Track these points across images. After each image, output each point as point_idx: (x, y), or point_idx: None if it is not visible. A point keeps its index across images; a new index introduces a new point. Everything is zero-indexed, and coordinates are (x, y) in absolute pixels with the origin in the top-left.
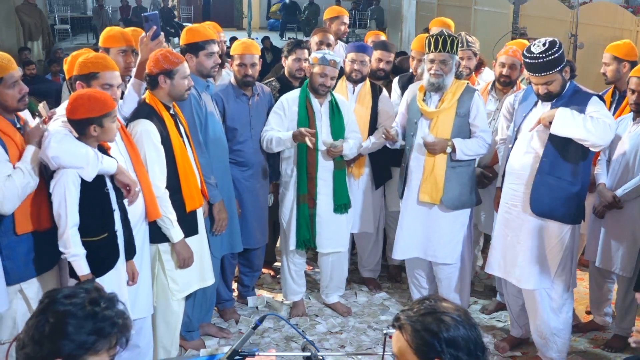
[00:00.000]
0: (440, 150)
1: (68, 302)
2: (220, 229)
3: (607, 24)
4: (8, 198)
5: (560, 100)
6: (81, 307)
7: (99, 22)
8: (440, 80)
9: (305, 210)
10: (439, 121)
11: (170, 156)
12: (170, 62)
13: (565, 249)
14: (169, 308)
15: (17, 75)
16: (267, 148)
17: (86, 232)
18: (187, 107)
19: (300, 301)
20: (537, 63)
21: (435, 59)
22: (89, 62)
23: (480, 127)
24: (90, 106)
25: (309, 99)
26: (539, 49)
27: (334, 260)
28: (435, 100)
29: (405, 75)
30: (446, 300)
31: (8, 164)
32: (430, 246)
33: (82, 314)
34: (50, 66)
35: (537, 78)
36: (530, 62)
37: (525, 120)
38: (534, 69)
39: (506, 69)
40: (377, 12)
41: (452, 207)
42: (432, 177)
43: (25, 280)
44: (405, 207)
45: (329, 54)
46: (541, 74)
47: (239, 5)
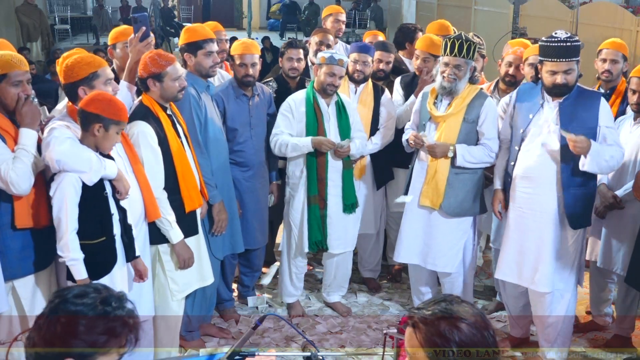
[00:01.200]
0: (441, 154)
1: (79, 301)
2: (220, 230)
3: (607, 24)
4: (21, 177)
5: (568, 99)
6: (92, 307)
7: (99, 22)
8: (452, 85)
9: (316, 211)
10: (445, 125)
11: (168, 157)
12: (157, 65)
13: (578, 249)
14: (168, 308)
15: (23, 76)
16: (281, 153)
17: (84, 235)
18: (186, 108)
19: (296, 302)
20: (564, 46)
21: (450, 63)
22: (83, 64)
23: (486, 135)
24: (106, 106)
25: (317, 99)
26: (564, 35)
27: (339, 259)
28: (446, 104)
29: (407, 76)
30: (464, 302)
31: (8, 150)
32: (430, 253)
33: (93, 313)
34: (50, 66)
35: (560, 64)
36: (555, 45)
37: (534, 122)
38: (559, 53)
39: (512, 69)
40: (376, 12)
41: (452, 213)
42: (434, 182)
43: (18, 277)
44: (407, 210)
45: (336, 54)
46: (566, 59)
47: (239, 5)
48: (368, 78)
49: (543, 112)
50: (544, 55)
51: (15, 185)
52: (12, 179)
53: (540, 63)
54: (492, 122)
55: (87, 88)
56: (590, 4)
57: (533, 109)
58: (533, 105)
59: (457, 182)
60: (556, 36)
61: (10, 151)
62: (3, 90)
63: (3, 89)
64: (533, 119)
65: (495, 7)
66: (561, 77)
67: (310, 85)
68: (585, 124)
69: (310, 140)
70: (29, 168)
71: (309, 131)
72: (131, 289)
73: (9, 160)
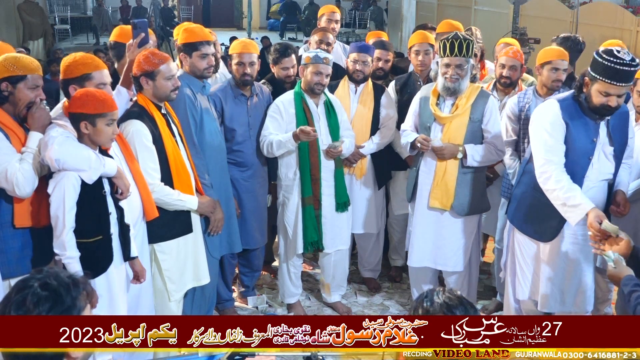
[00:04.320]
0: (450, 155)
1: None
2: (217, 230)
3: (607, 24)
4: (26, 179)
5: (613, 118)
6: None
7: (99, 22)
8: (456, 85)
9: (311, 212)
10: (451, 126)
11: (163, 155)
12: (150, 63)
13: None
14: (166, 309)
15: (39, 81)
16: (268, 152)
17: (81, 233)
18: (181, 108)
19: (297, 303)
20: (631, 71)
21: (451, 63)
22: (79, 63)
23: (492, 133)
24: (86, 102)
25: (305, 100)
26: (628, 56)
27: (336, 259)
28: (449, 105)
29: (401, 78)
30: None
31: (15, 151)
32: (440, 254)
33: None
34: (50, 66)
35: (620, 88)
36: (621, 69)
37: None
38: (624, 77)
39: (506, 70)
40: (376, 12)
41: (463, 213)
42: (443, 183)
43: (16, 276)
44: (416, 213)
45: (321, 52)
46: (629, 83)
47: (239, 5)
48: (368, 78)
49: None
50: (604, 75)
51: (20, 187)
52: (19, 181)
53: (593, 80)
54: (496, 120)
55: (78, 87)
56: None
57: (592, 133)
58: (587, 125)
59: (465, 182)
60: (620, 57)
61: (16, 152)
62: (20, 91)
63: (20, 90)
64: (597, 144)
65: (495, 7)
66: (615, 101)
67: (298, 86)
68: (623, 139)
69: (291, 135)
70: (33, 172)
71: None
72: (128, 290)
73: (16, 162)
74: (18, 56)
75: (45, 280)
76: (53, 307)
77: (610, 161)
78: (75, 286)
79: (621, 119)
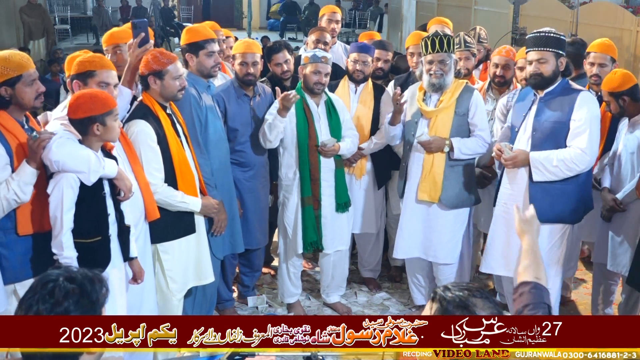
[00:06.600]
0: (437, 149)
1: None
2: (220, 230)
3: (607, 24)
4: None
5: (551, 94)
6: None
7: (99, 22)
8: (441, 80)
9: (310, 212)
10: (437, 120)
11: (167, 155)
12: (159, 62)
13: (563, 246)
14: (168, 308)
15: (34, 74)
16: (265, 141)
17: (79, 234)
18: (186, 107)
19: (297, 302)
20: (539, 36)
21: (434, 59)
22: (86, 61)
23: (479, 126)
24: (92, 104)
25: (305, 100)
26: (547, 29)
27: (335, 259)
28: (435, 100)
29: (400, 77)
30: (488, 298)
31: (6, 171)
32: (430, 246)
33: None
34: (51, 66)
35: (534, 53)
36: (532, 35)
37: (525, 121)
38: (534, 41)
39: (500, 69)
40: (376, 12)
41: (451, 205)
42: (431, 176)
43: (20, 281)
44: (405, 206)
45: (319, 51)
46: (539, 48)
47: (239, 5)
48: (368, 78)
49: (533, 109)
50: (527, 43)
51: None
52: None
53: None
54: (482, 114)
55: (81, 83)
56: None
57: (525, 108)
58: (526, 104)
59: (453, 175)
60: (540, 30)
61: (7, 172)
62: (20, 91)
63: (20, 90)
64: (525, 118)
65: (495, 7)
66: (534, 66)
67: (298, 86)
68: (553, 118)
69: (276, 112)
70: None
71: (299, 132)
72: (128, 290)
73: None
74: (7, 57)
75: (69, 274)
76: (80, 299)
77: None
78: (99, 281)
79: (559, 98)
